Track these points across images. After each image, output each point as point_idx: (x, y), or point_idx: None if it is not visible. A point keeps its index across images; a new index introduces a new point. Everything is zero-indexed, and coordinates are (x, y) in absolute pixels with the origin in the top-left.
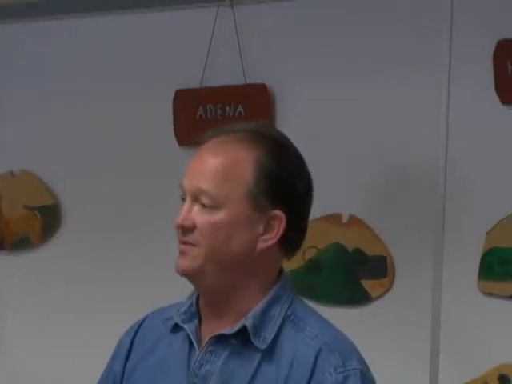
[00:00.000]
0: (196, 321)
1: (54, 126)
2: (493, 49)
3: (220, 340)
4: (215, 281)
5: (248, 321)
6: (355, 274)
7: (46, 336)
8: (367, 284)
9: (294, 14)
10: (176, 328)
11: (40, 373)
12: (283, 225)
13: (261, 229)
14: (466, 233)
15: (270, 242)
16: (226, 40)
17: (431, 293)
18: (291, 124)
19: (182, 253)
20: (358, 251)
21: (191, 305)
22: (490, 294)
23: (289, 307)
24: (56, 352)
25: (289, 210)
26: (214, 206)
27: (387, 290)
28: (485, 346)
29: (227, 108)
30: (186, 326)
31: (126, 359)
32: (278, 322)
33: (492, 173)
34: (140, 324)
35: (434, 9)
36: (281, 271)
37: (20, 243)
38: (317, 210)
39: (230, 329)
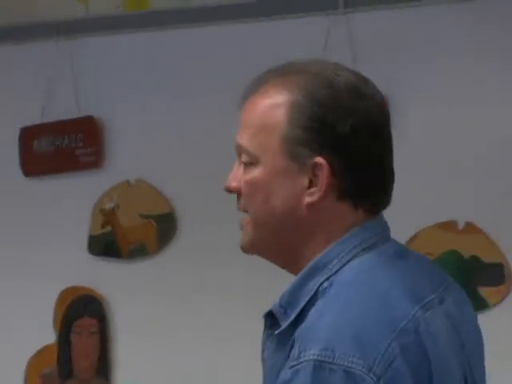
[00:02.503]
0: None
1: (169, 135)
2: None
3: (276, 322)
4: (272, 248)
5: (275, 303)
6: (472, 281)
7: (162, 343)
8: (484, 291)
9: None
10: None
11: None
12: (326, 173)
13: (305, 181)
14: None
15: (318, 195)
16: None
17: None
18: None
19: (240, 227)
20: (474, 258)
21: None
22: None
23: (330, 277)
24: (172, 361)
25: (337, 155)
26: (251, 163)
27: (505, 297)
28: None
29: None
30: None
31: None
32: (306, 299)
33: None
34: None
35: None
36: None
37: (136, 251)
38: (431, 217)
39: (266, 311)
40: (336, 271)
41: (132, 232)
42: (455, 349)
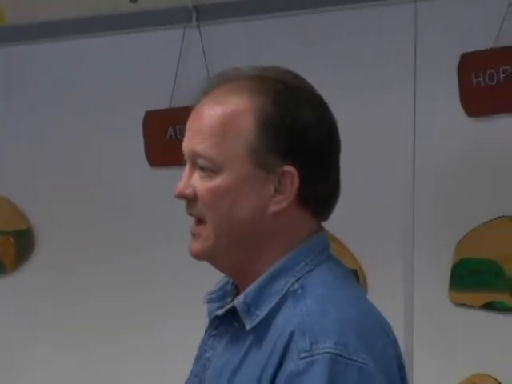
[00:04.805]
0: (229, 299)
1: (28, 152)
2: (457, 62)
3: (222, 322)
4: (230, 257)
5: (239, 299)
6: None
7: (20, 360)
8: None
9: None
10: None
11: None
12: (296, 182)
13: (271, 189)
14: (435, 244)
15: (284, 203)
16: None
17: (403, 305)
18: None
19: (192, 234)
20: None
21: (227, 282)
22: (461, 305)
23: (299, 279)
24: (32, 378)
25: (303, 164)
26: (212, 170)
27: None
28: (457, 356)
29: None
30: (206, 307)
31: None
32: (276, 298)
33: (459, 185)
34: None
35: (397, 24)
36: (316, 232)
37: None
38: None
39: (220, 310)
40: (303, 274)
41: None
42: None
